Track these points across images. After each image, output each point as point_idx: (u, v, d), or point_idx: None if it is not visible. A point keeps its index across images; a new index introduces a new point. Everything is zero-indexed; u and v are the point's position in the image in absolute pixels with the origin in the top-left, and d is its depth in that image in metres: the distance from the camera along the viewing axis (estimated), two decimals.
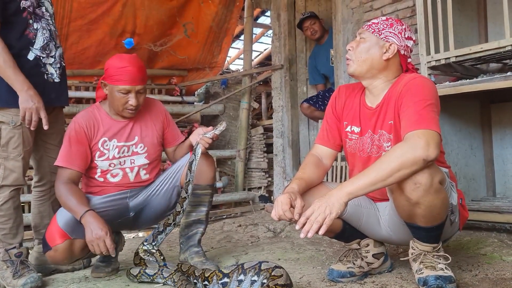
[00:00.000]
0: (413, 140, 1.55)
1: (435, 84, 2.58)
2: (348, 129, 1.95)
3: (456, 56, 2.51)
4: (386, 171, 1.53)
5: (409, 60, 1.87)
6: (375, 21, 1.86)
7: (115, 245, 2.09)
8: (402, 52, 1.83)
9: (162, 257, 2.20)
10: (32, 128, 2.13)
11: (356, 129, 1.91)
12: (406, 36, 1.84)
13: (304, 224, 1.58)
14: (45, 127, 2.14)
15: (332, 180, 3.71)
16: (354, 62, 1.85)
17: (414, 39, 1.88)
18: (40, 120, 2.13)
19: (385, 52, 1.81)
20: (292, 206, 1.67)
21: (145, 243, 2.23)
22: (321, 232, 1.56)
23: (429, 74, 2.62)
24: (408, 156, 1.52)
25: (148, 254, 2.20)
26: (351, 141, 1.94)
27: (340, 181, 3.60)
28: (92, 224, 1.99)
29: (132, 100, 2.18)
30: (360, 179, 1.58)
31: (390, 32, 1.82)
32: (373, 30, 1.83)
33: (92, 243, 1.99)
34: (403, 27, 1.84)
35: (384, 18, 1.87)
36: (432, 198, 1.59)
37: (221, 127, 2.17)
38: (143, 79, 2.21)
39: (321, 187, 1.90)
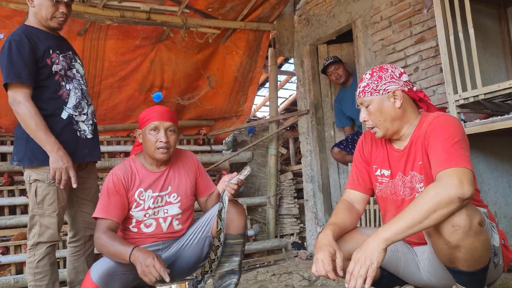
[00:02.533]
0: (446, 179, 1.52)
1: (465, 122, 2.56)
2: (378, 172, 1.93)
3: (485, 94, 2.48)
4: (422, 213, 1.50)
5: (414, 89, 1.87)
6: (363, 84, 1.85)
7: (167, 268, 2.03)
8: (406, 89, 1.83)
9: None
10: (61, 187, 2.20)
11: (386, 172, 1.90)
12: (397, 75, 1.83)
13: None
14: (74, 185, 2.22)
15: (366, 225, 3.63)
16: (378, 127, 1.84)
17: (403, 71, 1.87)
18: (69, 178, 2.20)
19: (395, 102, 1.81)
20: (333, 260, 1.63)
21: None
22: (367, 286, 1.52)
23: (458, 113, 2.59)
24: (442, 195, 1.49)
25: None
26: (381, 184, 1.91)
27: (374, 225, 3.51)
28: (139, 257, 1.98)
29: (162, 137, 2.22)
30: (396, 223, 1.54)
31: (384, 84, 1.81)
32: (370, 93, 1.82)
33: (144, 273, 1.96)
34: (390, 70, 1.83)
35: (368, 76, 1.85)
36: (473, 240, 1.54)
37: (246, 172, 2.19)
38: (172, 118, 2.28)
39: (356, 233, 1.86)
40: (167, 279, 2.00)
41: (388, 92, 1.80)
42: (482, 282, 1.65)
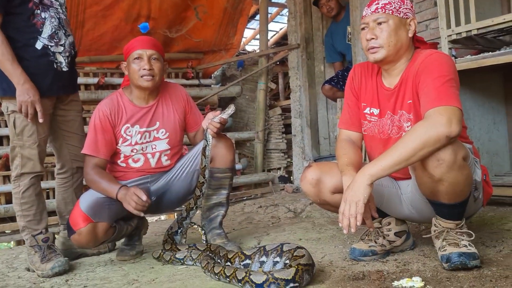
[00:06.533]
0: (435, 117, 1.53)
1: (456, 58, 2.54)
2: (366, 110, 1.92)
3: (478, 29, 2.44)
4: (409, 150, 1.52)
5: None
6: (384, 1, 1.78)
7: (149, 199, 2.13)
8: (416, 24, 1.81)
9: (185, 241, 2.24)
10: (28, 120, 2.16)
11: (376, 111, 1.89)
12: (414, 8, 1.82)
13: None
14: (40, 120, 2.17)
15: None
16: (384, 48, 1.77)
17: None
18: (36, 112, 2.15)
19: (409, 30, 1.78)
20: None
21: (171, 230, 2.31)
22: (358, 223, 1.56)
23: (450, 48, 2.56)
24: (430, 134, 1.50)
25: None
26: (370, 123, 1.91)
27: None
28: (127, 195, 2.08)
29: (145, 65, 2.19)
30: (383, 159, 1.56)
31: (405, 8, 1.78)
32: (391, 11, 1.76)
33: (127, 202, 2.07)
34: (408, 0, 1.82)
35: None
36: (456, 174, 1.57)
37: (229, 110, 2.17)
38: (155, 46, 2.24)
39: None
40: (144, 198, 2.08)
41: (407, 18, 1.78)
42: (461, 214, 1.70)
